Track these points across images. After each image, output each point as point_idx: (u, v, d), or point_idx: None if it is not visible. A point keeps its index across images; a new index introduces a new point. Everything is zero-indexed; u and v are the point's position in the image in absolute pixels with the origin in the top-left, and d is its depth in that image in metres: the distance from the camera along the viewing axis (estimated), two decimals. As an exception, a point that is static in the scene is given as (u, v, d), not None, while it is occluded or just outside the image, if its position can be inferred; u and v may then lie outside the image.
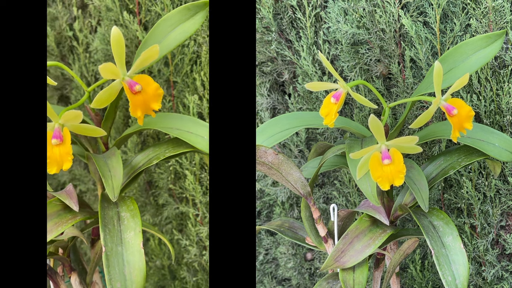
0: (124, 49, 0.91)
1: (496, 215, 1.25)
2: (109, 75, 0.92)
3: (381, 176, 0.96)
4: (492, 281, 1.29)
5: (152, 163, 1.04)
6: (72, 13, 1.44)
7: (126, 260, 0.91)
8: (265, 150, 1.04)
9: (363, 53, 1.25)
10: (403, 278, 1.39)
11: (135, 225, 0.94)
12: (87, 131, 0.96)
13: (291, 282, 1.53)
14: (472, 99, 1.19)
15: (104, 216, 0.94)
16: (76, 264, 1.15)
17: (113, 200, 0.95)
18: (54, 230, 0.94)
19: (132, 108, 0.94)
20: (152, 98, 0.95)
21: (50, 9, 1.43)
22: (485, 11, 1.13)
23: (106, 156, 1.02)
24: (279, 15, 1.31)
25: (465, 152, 1.07)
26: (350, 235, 1.03)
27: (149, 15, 1.34)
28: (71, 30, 1.45)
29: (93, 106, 0.94)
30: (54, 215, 0.96)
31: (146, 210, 1.53)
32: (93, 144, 1.07)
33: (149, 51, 0.93)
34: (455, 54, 1.04)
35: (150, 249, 1.55)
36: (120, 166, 0.98)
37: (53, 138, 0.91)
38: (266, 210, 1.51)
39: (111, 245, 0.91)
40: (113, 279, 0.89)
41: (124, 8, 1.34)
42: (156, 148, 1.07)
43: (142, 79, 0.94)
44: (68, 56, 1.47)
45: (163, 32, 1.03)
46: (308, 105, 1.34)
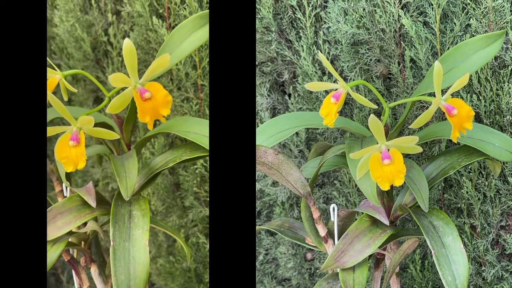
0: (136, 59, 0.96)
1: (496, 215, 1.25)
2: (119, 84, 0.97)
3: (381, 176, 0.96)
4: (492, 281, 1.29)
5: (168, 166, 1.08)
6: (108, 19, 1.49)
7: (132, 256, 0.96)
8: (265, 150, 1.04)
9: (363, 53, 1.25)
10: (403, 278, 1.39)
11: (144, 223, 0.99)
12: (101, 134, 1.00)
13: (291, 282, 1.53)
14: (472, 99, 1.19)
15: (116, 213, 0.99)
16: (97, 256, 1.20)
17: (126, 199, 1.00)
18: (72, 222, 1.00)
19: (140, 114, 0.98)
20: (161, 104, 0.98)
21: (87, 16, 1.50)
22: (485, 11, 1.13)
23: (124, 157, 1.07)
24: (279, 15, 1.32)
25: (465, 152, 1.07)
26: (350, 235, 1.03)
27: (177, 19, 1.37)
28: (106, 35, 1.50)
29: (108, 111, 0.98)
30: (74, 209, 1.02)
31: (172, 212, 1.55)
32: (116, 145, 1.13)
33: (160, 60, 0.97)
34: (455, 54, 1.04)
35: (177, 251, 1.56)
36: (135, 168, 1.03)
37: (70, 140, 0.97)
38: (266, 210, 1.51)
39: (119, 240, 0.96)
40: (118, 272, 0.94)
41: (154, 13, 1.37)
42: (174, 151, 1.10)
43: (153, 86, 0.98)
44: (102, 60, 1.53)
45: (177, 41, 1.07)
46: (308, 105, 1.34)
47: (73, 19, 1.49)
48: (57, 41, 1.57)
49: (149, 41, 1.41)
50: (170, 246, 1.58)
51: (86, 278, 1.11)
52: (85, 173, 1.69)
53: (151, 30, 1.39)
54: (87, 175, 1.68)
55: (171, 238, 1.57)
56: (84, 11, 1.51)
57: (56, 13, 1.53)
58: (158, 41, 1.39)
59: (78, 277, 1.10)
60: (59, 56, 1.60)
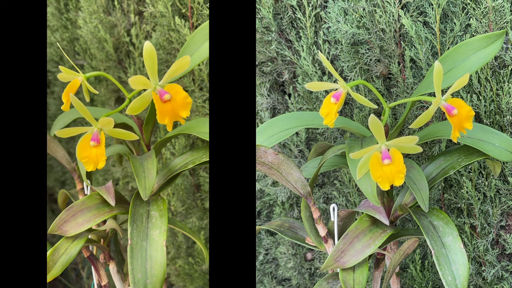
0: (156, 61, 0.97)
1: (496, 215, 1.25)
2: (139, 86, 0.98)
3: (381, 176, 0.96)
4: (492, 281, 1.29)
5: (187, 167, 1.09)
6: (130, 19, 1.51)
7: (149, 255, 0.97)
8: (265, 150, 1.04)
9: (363, 53, 1.25)
10: (403, 278, 1.39)
11: (162, 224, 1.00)
12: (121, 135, 1.02)
13: (291, 282, 1.53)
14: (472, 99, 1.19)
15: (134, 213, 1.01)
16: (115, 254, 1.22)
17: (144, 199, 1.01)
18: (92, 220, 1.02)
19: (159, 115, 0.99)
20: (181, 106, 0.99)
21: (109, 17, 1.52)
22: (485, 11, 1.13)
23: (143, 158, 1.08)
24: (279, 15, 1.32)
25: (465, 152, 1.07)
26: (350, 235, 1.03)
27: (200, 18, 1.38)
28: (128, 36, 1.52)
29: (128, 113, 1.00)
30: (94, 207, 1.04)
31: (193, 213, 1.55)
32: (136, 145, 1.15)
33: (179, 62, 0.98)
34: (455, 54, 1.04)
35: (196, 252, 1.56)
36: (154, 168, 1.04)
37: (91, 140, 0.99)
38: (266, 210, 1.51)
39: (136, 239, 0.98)
40: (135, 270, 0.96)
41: (177, 13, 1.38)
42: (194, 152, 1.11)
43: (172, 88, 0.99)
44: (124, 61, 1.54)
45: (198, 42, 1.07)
46: (308, 105, 1.34)
47: (96, 20, 1.51)
48: (81, 42, 1.59)
49: (171, 41, 1.41)
50: (190, 247, 1.58)
51: (105, 274, 1.13)
52: (106, 172, 1.71)
53: (173, 30, 1.39)
54: (108, 174, 1.70)
55: (191, 240, 1.57)
56: (107, 13, 1.53)
57: (80, 15, 1.55)
58: (180, 41, 1.40)
59: (97, 274, 1.12)
60: (82, 57, 1.63)
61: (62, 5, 1.64)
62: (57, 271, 0.98)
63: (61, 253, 1.00)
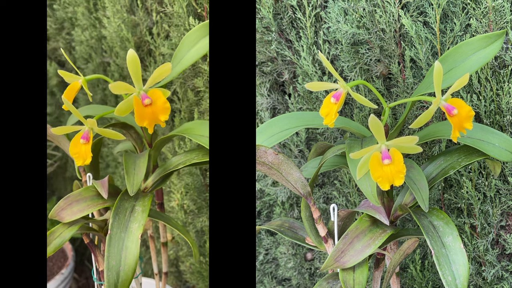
0: (139, 68, 1.03)
1: (496, 215, 1.25)
2: (120, 91, 1.04)
3: (381, 176, 0.96)
4: (492, 281, 1.29)
5: (178, 168, 1.15)
6: (152, 18, 1.54)
7: (125, 245, 1.04)
8: (265, 150, 1.04)
9: (363, 53, 1.25)
10: (403, 278, 1.39)
11: (142, 218, 1.07)
12: (109, 134, 1.09)
13: (291, 282, 1.53)
14: (472, 99, 1.19)
15: (119, 206, 1.08)
16: None
17: (131, 194, 1.09)
18: (85, 210, 1.11)
19: (137, 118, 1.05)
20: (160, 110, 1.05)
21: (132, 17, 1.55)
22: (485, 11, 1.13)
23: (138, 156, 1.16)
24: (279, 15, 1.32)
25: (465, 152, 1.07)
26: (350, 235, 1.03)
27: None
28: (150, 35, 1.55)
29: (116, 114, 1.07)
30: (88, 199, 1.13)
31: (203, 213, 1.56)
32: (139, 144, 1.22)
33: (161, 69, 1.04)
34: (455, 54, 1.04)
35: (207, 251, 1.56)
36: (144, 166, 1.12)
37: (81, 138, 1.07)
38: (266, 210, 1.51)
39: (116, 230, 1.05)
40: (110, 257, 1.03)
41: (192, 14, 1.40)
42: (188, 154, 1.18)
43: (154, 93, 1.05)
44: (146, 59, 1.57)
45: (185, 49, 1.14)
46: (308, 105, 1.34)
47: (119, 20, 1.54)
48: (108, 40, 1.63)
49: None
50: (202, 246, 1.59)
51: (102, 260, 1.20)
52: (117, 166, 1.77)
53: (187, 30, 1.40)
54: (119, 167, 1.77)
55: (203, 239, 1.60)
56: (131, 12, 1.56)
57: (106, 14, 1.58)
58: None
59: (96, 259, 1.20)
60: (109, 55, 1.67)
61: (92, 4, 1.68)
62: (50, 250, 1.08)
63: (56, 236, 1.09)
